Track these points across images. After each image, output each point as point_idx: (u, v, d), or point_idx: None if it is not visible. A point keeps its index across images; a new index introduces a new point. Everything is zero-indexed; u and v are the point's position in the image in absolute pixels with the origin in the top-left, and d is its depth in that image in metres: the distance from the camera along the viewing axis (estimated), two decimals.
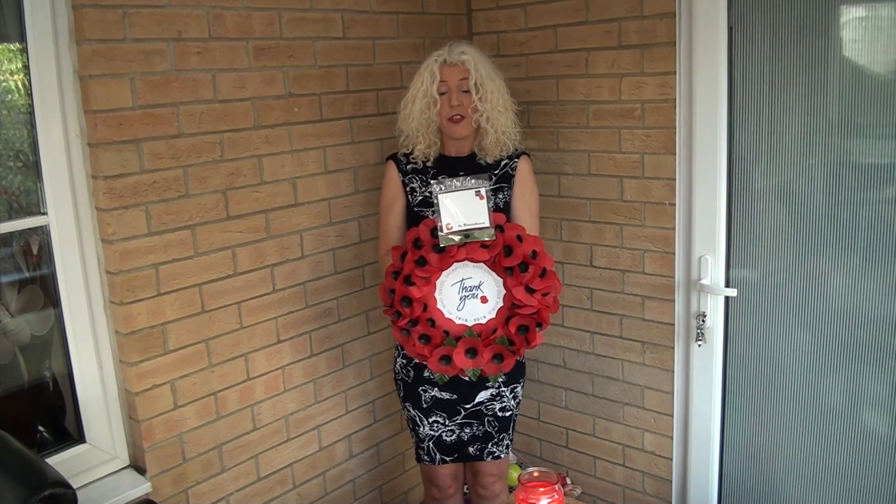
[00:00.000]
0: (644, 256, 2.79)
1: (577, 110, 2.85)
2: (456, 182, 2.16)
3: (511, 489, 2.80)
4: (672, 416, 2.84)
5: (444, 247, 2.15)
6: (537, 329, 2.20)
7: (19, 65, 2.13)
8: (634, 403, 2.94)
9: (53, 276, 2.22)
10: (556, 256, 3.02)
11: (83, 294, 2.23)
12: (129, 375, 2.26)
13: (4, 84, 2.14)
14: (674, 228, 2.69)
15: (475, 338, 2.21)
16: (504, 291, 2.22)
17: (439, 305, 2.23)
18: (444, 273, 2.21)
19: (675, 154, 2.63)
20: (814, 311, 2.50)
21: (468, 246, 2.15)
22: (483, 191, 2.15)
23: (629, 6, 2.63)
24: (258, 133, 2.47)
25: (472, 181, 2.16)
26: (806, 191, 2.46)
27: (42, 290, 2.27)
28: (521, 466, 3.24)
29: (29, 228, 2.21)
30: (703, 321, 2.65)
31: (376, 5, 2.76)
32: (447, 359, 2.20)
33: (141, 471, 2.33)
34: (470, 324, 2.23)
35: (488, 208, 2.15)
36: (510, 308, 2.21)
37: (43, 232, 2.22)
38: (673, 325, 2.77)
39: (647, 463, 2.96)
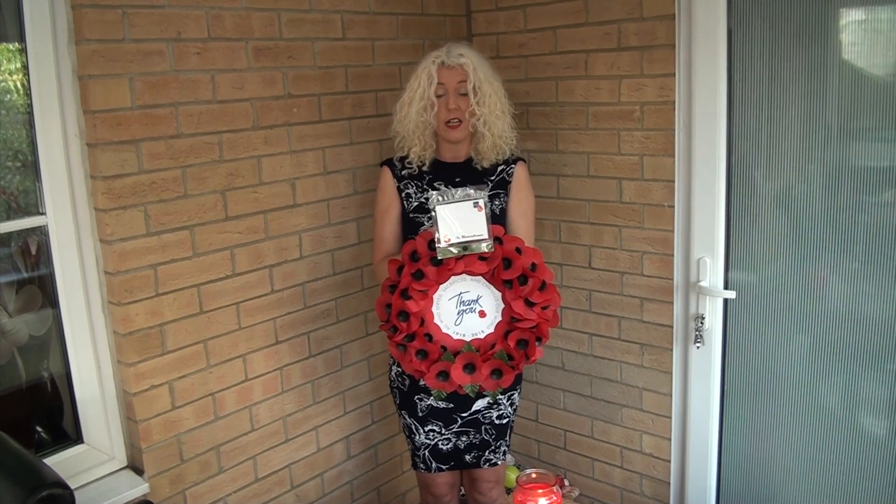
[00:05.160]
0: (643, 258, 2.79)
1: (577, 112, 2.85)
2: (453, 193, 2.11)
3: (509, 491, 2.80)
4: (670, 417, 2.84)
5: (441, 259, 2.10)
6: (537, 343, 2.15)
7: (18, 65, 2.12)
8: (633, 405, 2.94)
9: (52, 276, 2.22)
10: (554, 258, 3.02)
11: (81, 294, 2.23)
12: (128, 376, 2.26)
13: (3, 84, 2.13)
14: (673, 230, 2.69)
15: (473, 353, 2.16)
16: (503, 305, 2.17)
17: (437, 320, 2.18)
18: (442, 287, 2.16)
19: (674, 156, 2.63)
20: (812, 313, 2.50)
21: (466, 258, 2.10)
22: (481, 202, 2.09)
23: (629, 8, 2.63)
24: (257, 134, 2.46)
25: (470, 192, 2.11)
26: (805, 193, 2.46)
27: (40, 290, 2.27)
28: (519, 468, 3.24)
29: (27, 228, 2.21)
30: (702, 323, 2.65)
31: (376, 6, 2.76)
32: (445, 374, 2.15)
33: (139, 471, 2.33)
34: (468, 338, 2.18)
35: (487, 220, 2.10)
36: (509, 322, 2.16)
37: (41, 232, 2.21)
38: (671, 327, 2.77)
39: (646, 465, 2.96)
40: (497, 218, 2.35)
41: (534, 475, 2.00)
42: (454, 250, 2.09)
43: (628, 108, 2.71)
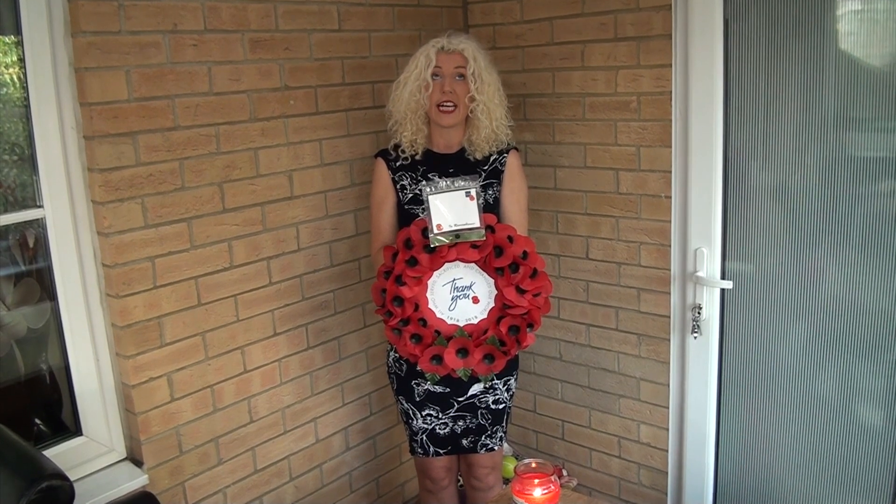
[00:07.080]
0: (640, 249, 2.80)
1: (573, 103, 2.85)
2: (446, 183, 2.16)
3: (506, 481, 2.81)
4: (668, 407, 2.85)
5: (434, 247, 2.15)
6: (528, 330, 2.20)
7: (15, 58, 2.12)
8: (630, 395, 2.95)
9: (50, 269, 2.22)
10: (551, 249, 3.03)
11: (79, 287, 2.23)
12: (126, 368, 2.26)
13: (0, 77, 2.13)
14: (669, 221, 2.70)
15: (466, 338, 2.21)
16: (495, 292, 2.22)
17: (431, 305, 2.23)
18: (436, 273, 2.21)
19: (670, 147, 2.64)
20: (809, 303, 2.50)
21: (459, 246, 2.15)
22: (473, 191, 2.15)
23: None
24: (254, 126, 2.46)
25: (462, 182, 2.16)
26: (801, 183, 2.46)
27: (38, 283, 2.27)
28: (517, 458, 3.25)
29: (25, 221, 2.21)
30: (699, 313, 2.66)
31: None
32: (438, 358, 2.20)
33: (138, 463, 2.34)
34: (461, 324, 2.23)
35: (479, 209, 2.15)
36: (501, 309, 2.21)
37: (39, 225, 2.21)
38: (669, 317, 2.77)
39: (643, 454, 2.98)
40: (490, 207, 2.36)
41: (533, 465, 2.00)
42: (446, 238, 2.13)
43: (625, 98, 2.71)
